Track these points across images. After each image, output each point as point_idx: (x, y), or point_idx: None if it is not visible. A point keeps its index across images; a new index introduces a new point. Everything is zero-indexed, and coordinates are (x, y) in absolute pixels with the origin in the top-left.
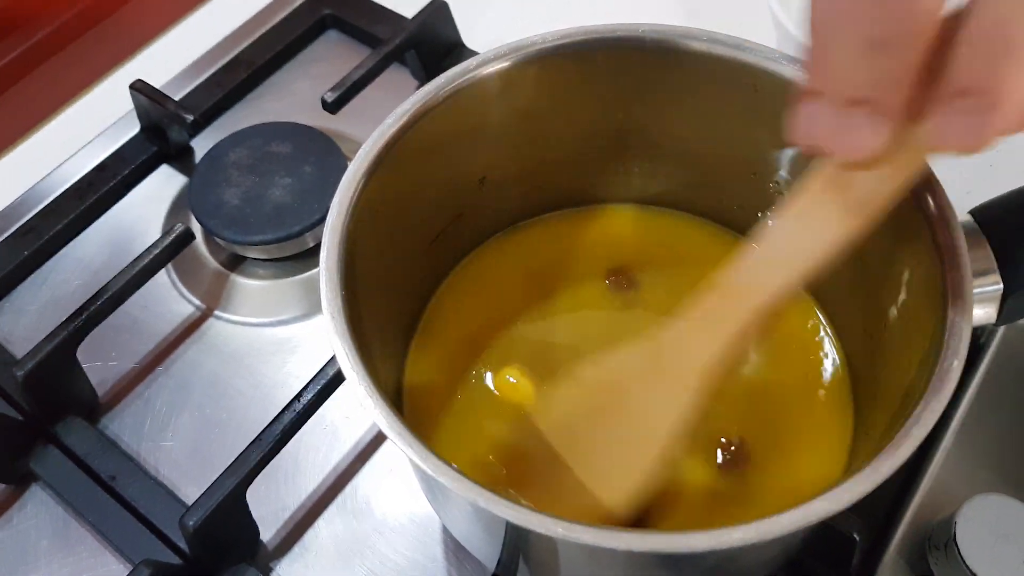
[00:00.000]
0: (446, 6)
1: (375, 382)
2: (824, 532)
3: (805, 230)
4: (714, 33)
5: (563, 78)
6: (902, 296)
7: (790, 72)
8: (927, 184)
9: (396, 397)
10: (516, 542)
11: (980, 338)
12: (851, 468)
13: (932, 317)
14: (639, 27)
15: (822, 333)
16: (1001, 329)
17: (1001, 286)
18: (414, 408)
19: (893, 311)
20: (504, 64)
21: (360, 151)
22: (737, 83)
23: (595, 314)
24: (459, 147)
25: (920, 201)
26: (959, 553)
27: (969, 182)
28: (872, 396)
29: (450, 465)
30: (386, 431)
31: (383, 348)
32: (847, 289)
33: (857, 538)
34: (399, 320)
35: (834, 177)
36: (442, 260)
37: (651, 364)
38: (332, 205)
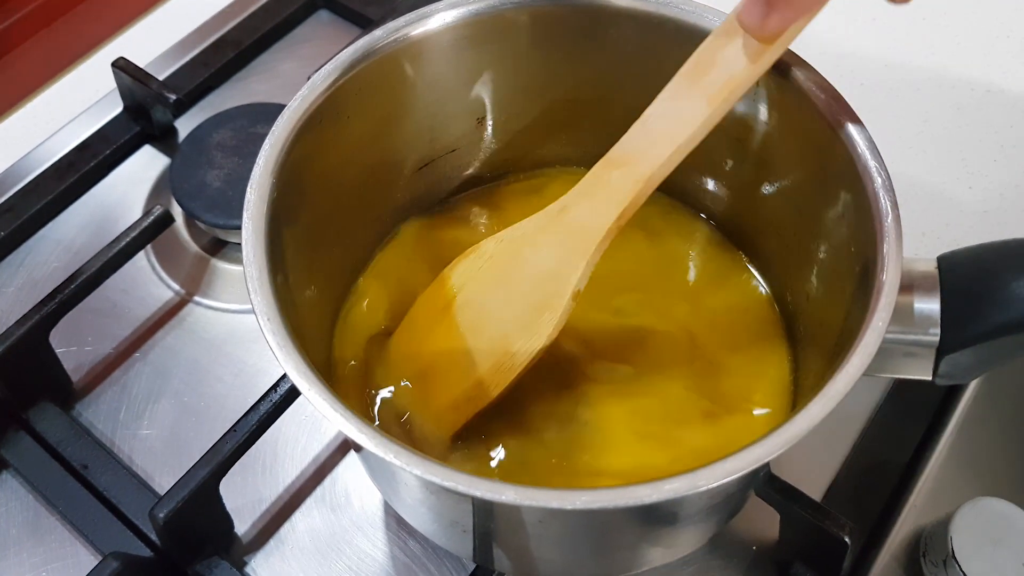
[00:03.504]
0: None
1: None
2: (814, 535)
3: (674, 112)
4: None
5: (476, 47)
6: (831, 234)
7: (713, 27)
8: (854, 124)
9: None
10: (478, 519)
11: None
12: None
13: (862, 254)
14: None
15: (756, 283)
16: None
17: (938, 338)
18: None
19: (818, 237)
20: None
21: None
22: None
23: None
24: (387, 119)
25: (849, 145)
26: (959, 567)
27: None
28: (810, 343)
29: (397, 443)
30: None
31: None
32: (777, 235)
33: (847, 541)
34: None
35: (694, 68)
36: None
37: (547, 233)
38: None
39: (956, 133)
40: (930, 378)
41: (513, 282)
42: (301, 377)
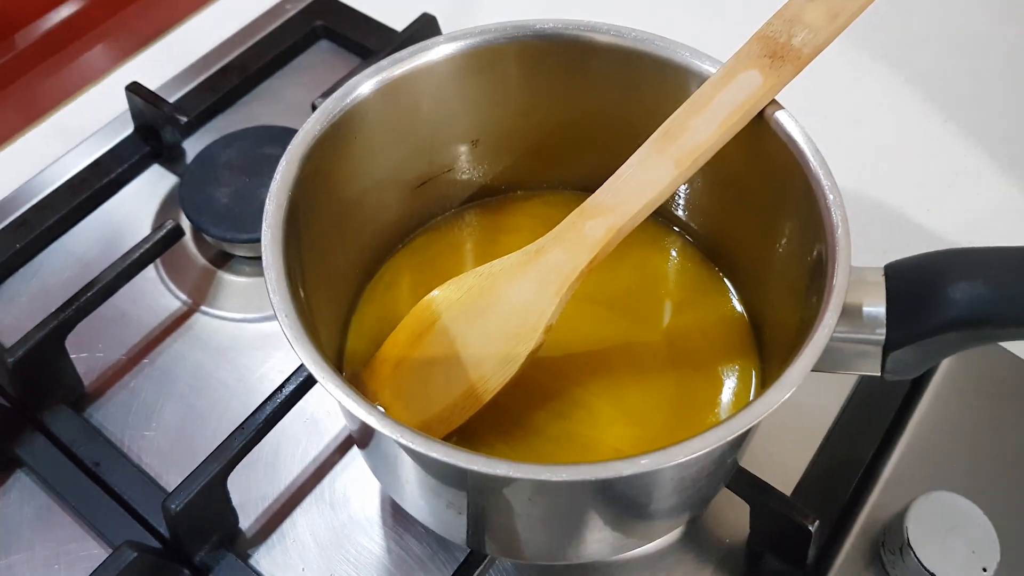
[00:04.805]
0: (434, 20)
1: (315, 342)
2: (781, 524)
3: (645, 171)
4: (618, 27)
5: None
6: (790, 246)
7: (685, 61)
8: (812, 152)
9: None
10: (472, 499)
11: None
12: None
13: (816, 263)
14: (547, 22)
15: (728, 294)
16: None
17: (884, 337)
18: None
19: (779, 249)
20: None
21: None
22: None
23: None
24: (398, 137)
25: (806, 169)
26: (914, 554)
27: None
28: (773, 348)
29: (402, 424)
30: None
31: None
32: (744, 248)
33: (812, 529)
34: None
35: (664, 134)
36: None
37: (524, 270)
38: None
39: (916, 161)
40: (879, 374)
41: (490, 313)
42: (315, 366)
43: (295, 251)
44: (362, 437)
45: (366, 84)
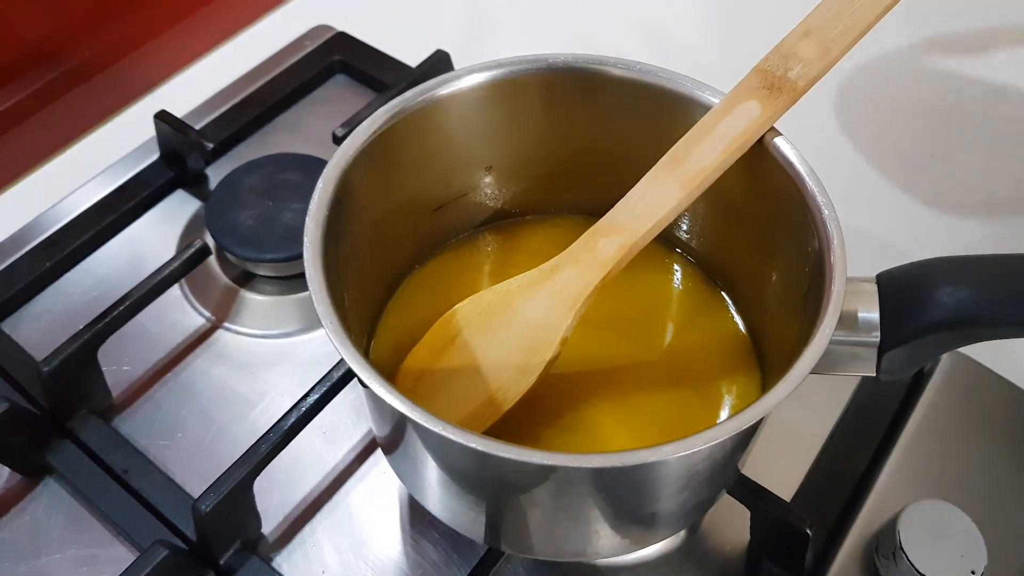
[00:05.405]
0: (447, 56)
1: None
2: (780, 528)
3: (654, 194)
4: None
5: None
6: (788, 260)
7: (689, 92)
8: (808, 172)
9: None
10: (496, 493)
11: (924, 365)
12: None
13: (814, 274)
14: (560, 56)
15: (729, 311)
16: (943, 357)
17: (878, 339)
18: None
19: (778, 265)
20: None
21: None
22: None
23: None
24: (425, 164)
25: (802, 187)
26: (907, 558)
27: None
28: (772, 360)
29: (437, 416)
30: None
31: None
32: (743, 264)
33: (809, 533)
34: (375, 294)
35: (671, 159)
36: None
37: (539, 287)
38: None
39: (906, 193)
40: (874, 374)
41: (508, 327)
42: (357, 365)
43: (332, 265)
44: (392, 437)
45: (393, 113)
